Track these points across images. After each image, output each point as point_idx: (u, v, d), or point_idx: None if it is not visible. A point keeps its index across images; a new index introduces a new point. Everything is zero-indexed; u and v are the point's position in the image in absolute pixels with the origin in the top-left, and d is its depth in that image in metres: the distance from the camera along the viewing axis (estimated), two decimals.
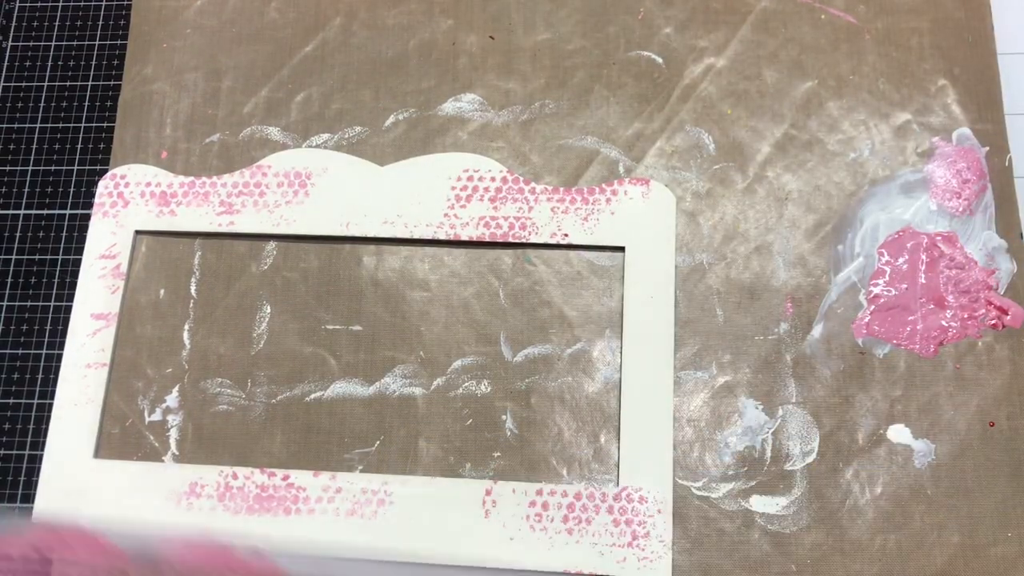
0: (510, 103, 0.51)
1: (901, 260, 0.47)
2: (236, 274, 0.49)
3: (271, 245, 0.50)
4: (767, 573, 0.43)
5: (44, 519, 0.42)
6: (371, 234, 0.47)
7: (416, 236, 0.47)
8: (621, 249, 0.46)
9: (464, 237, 0.46)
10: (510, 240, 0.46)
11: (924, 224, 0.48)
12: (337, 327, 0.48)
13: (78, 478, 0.44)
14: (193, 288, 0.49)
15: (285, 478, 0.43)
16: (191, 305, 0.49)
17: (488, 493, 0.43)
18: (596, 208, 0.46)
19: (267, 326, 0.49)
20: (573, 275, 0.48)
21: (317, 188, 0.47)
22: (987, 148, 0.49)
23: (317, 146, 0.51)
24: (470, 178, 0.47)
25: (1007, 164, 0.49)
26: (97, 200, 0.49)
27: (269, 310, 0.49)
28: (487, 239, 0.46)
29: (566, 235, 0.46)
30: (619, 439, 0.43)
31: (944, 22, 0.51)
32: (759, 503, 0.44)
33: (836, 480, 0.44)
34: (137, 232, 0.48)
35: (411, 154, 0.51)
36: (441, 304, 0.48)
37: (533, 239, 0.46)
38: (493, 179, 0.47)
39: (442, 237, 0.47)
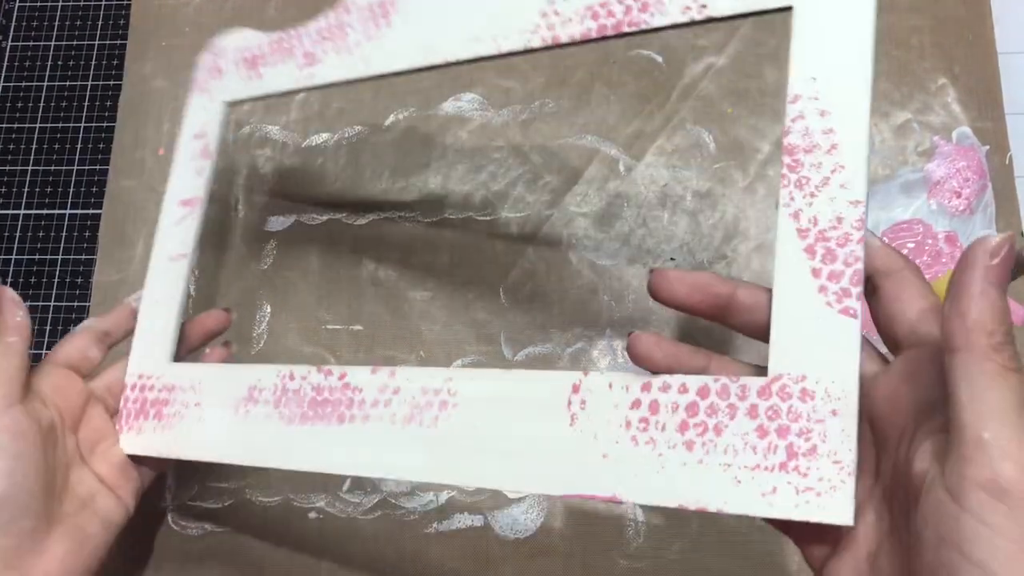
0: (510, 102, 0.51)
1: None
2: (236, 274, 0.49)
3: (271, 244, 0.50)
4: (768, 572, 0.43)
5: None
6: (455, 58, 0.38)
7: (507, 49, 0.36)
8: (786, 10, 0.31)
9: (565, 38, 0.35)
10: (625, 30, 0.34)
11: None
12: (337, 327, 0.48)
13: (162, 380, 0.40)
14: (192, 287, 0.49)
15: (342, 377, 0.36)
16: (190, 304, 0.49)
17: (575, 390, 0.30)
18: None
19: (267, 326, 0.49)
20: (573, 274, 0.48)
21: (400, 15, 0.40)
22: (987, 147, 0.49)
23: (316, 146, 0.51)
24: None
25: (1007, 163, 0.49)
26: (195, 75, 0.45)
27: (269, 309, 0.49)
28: (595, 35, 0.34)
29: (704, 7, 0.32)
30: (773, 298, 0.28)
31: (944, 21, 0.51)
32: None
33: None
34: (227, 103, 0.44)
35: (411, 153, 0.50)
36: (441, 304, 0.48)
37: (657, 21, 0.33)
38: None
39: (537, 44, 0.36)
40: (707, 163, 0.50)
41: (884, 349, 0.28)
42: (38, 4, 0.56)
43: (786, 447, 0.26)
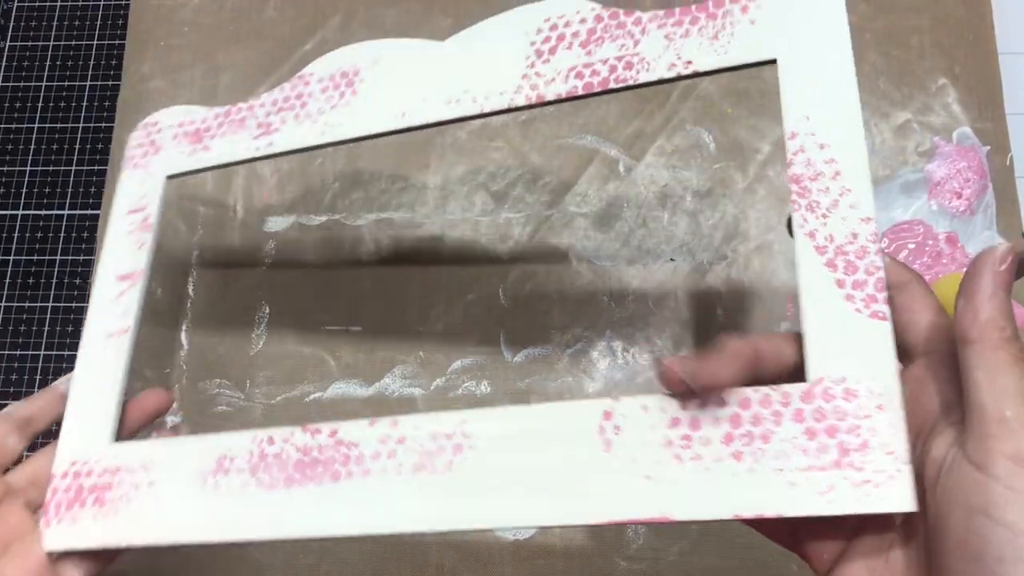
0: None
1: (903, 255, 0.47)
2: (235, 274, 0.49)
3: (271, 244, 0.50)
4: (767, 573, 0.43)
5: None
6: (433, 119, 0.36)
7: (488, 109, 0.35)
8: (771, 63, 0.33)
9: (550, 96, 0.35)
10: (612, 86, 0.34)
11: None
12: (337, 327, 0.48)
13: (98, 465, 0.36)
14: (191, 288, 0.49)
15: (333, 434, 0.33)
16: (188, 305, 0.49)
17: (607, 416, 0.29)
18: (728, 21, 0.34)
19: (266, 326, 0.48)
20: (573, 275, 0.48)
21: (366, 83, 0.38)
22: (988, 147, 0.49)
23: None
24: (553, 27, 0.36)
25: (1008, 163, 0.49)
26: (128, 153, 0.43)
27: (268, 310, 0.49)
28: (580, 92, 0.34)
29: (689, 63, 0.33)
30: (800, 309, 0.29)
31: (945, 21, 0.51)
32: None
33: None
34: (169, 177, 0.41)
35: (412, 151, 0.50)
36: (441, 304, 0.48)
37: (644, 77, 0.34)
38: (583, 20, 0.35)
39: (521, 103, 0.35)
40: (707, 163, 0.49)
41: None
42: (37, 4, 0.56)
43: (837, 445, 0.27)
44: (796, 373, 0.28)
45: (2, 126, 0.54)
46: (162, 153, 0.42)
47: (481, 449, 0.31)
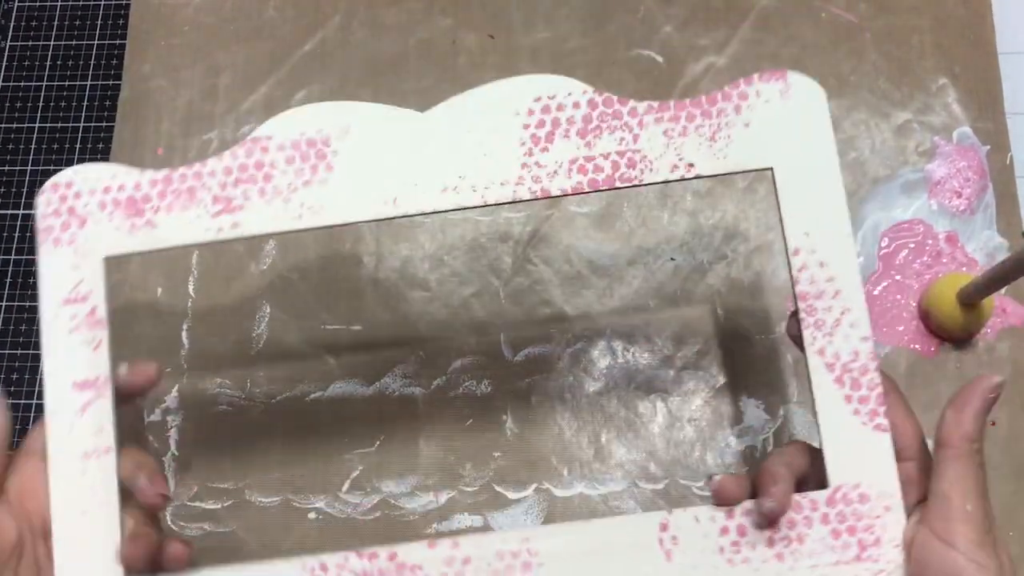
0: None
1: (903, 254, 0.47)
2: (235, 274, 0.49)
3: (271, 244, 0.50)
4: None
5: None
6: (430, 208, 0.35)
7: (492, 201, 0.34)
8: (768, 170, 0.35)
9: (555, 191, 0.34)
10: (619, 185, 0.34)
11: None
12: (337, 327, 0.48)
13: None
14: (191, 287, 0.49)
15: (392, 557, 0.32)
16: (189, 304, 0.49)
17: (664, 528, 0.33)
18: (724, 121, 0.34)
19: (267, 326, 0.48)
20: (573, 274, 0.48)
21: (341, 157, 0.35)
22: (988, 147, 0.49)
23: None
24: (545, 108, 0.35)
25: (1008, 163, 0.49)
26: (41, 224, 0.35)
27: (269, 310, 0.49)
28: (586, 188, 0.34)
29: (691, 165, 0.34)
30: (818, 422, 0.33)
31: (945, 21, 0.51)
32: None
33: None
34: (106, 258, 0.34)
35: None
36: (441, 304, 0.48)
37: (649, 178, 0.34)
38: (577, 105, 0.35)
39: (525, 196, 0.34)
40: None
41: None
42: (37, 4, 0.56)
43: (857, 542, 0.32)
44: (812, 477, 0.33)
45: (2, 126, 0.54)
46: (90, 226, 0.35)
47: (550, 566, 0.33)
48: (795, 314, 0.33)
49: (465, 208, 0.35)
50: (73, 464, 0.33)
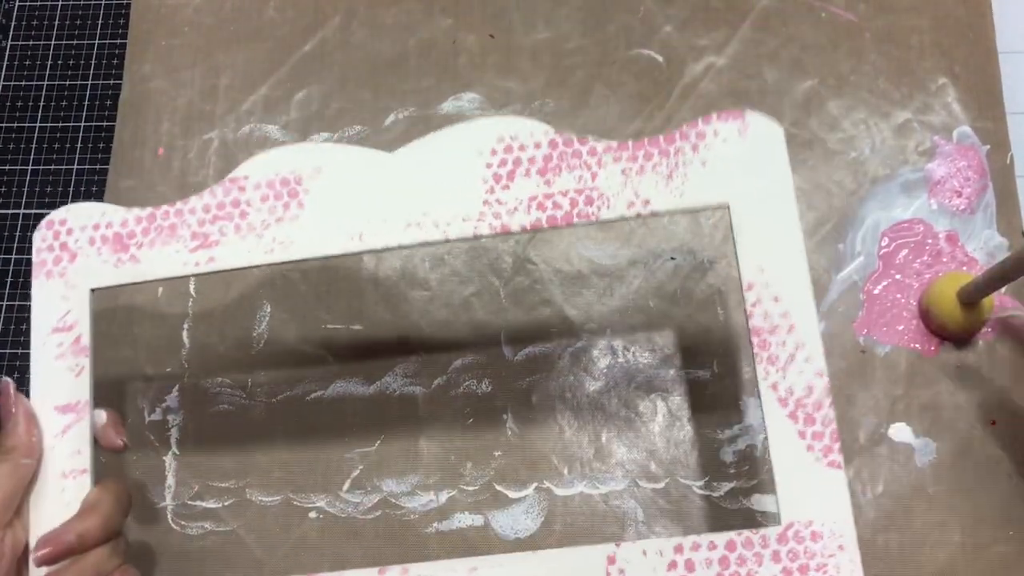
0: (510, 102, 0.51)
1: (903, 253, 0.47)
2: (235, 274, 0.49)
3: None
4: None
5: None
6: (394, 243, 0.36)
7: (454, 236, 0.36)
8: (724, 207, 0.36)
9: (515, 228, 0.36)
10: (576, 221, 0.36)
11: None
12: (337, 326, 0.48)
13: None
14: (192, 287, 0.49)
15: None
16: (190, 304, 0.49)
17: (611, 561, 0.33)
18: (681, 160, 0.35)
19: (267, 325, 0.48)
20: (574, 274, 0.48)
21: (312, 195, 0.37)
22: (988, 146, 0.49)
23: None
24: (507, 148, 0.36)
25: (1008, 162, 0.49)
26: (36, 258, 0.38)
27: (269, 309, 0.49)
28: (545, 224, 0.36)
29: (647, 202, 0.35)
30: (769, 458, 0.33)
31: (944, 20, 0.51)
32: (760, 502, 0.44)
33: None
34: (93, 290, 0.38)
35: None
36: (441, 303, 0.48)
37: (605, 215, 0.36)
38: (538, 145, 0.36)
39: (485, 232, 0.36)
40: None
41: None
42: (38, 3, 0.56)
43: None
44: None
45: (2, 126, 0.54)
46: (80, 261, 0.38)
47: None
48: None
49: (428, 244, 0.36)
50: (51, 483, 0.36)
